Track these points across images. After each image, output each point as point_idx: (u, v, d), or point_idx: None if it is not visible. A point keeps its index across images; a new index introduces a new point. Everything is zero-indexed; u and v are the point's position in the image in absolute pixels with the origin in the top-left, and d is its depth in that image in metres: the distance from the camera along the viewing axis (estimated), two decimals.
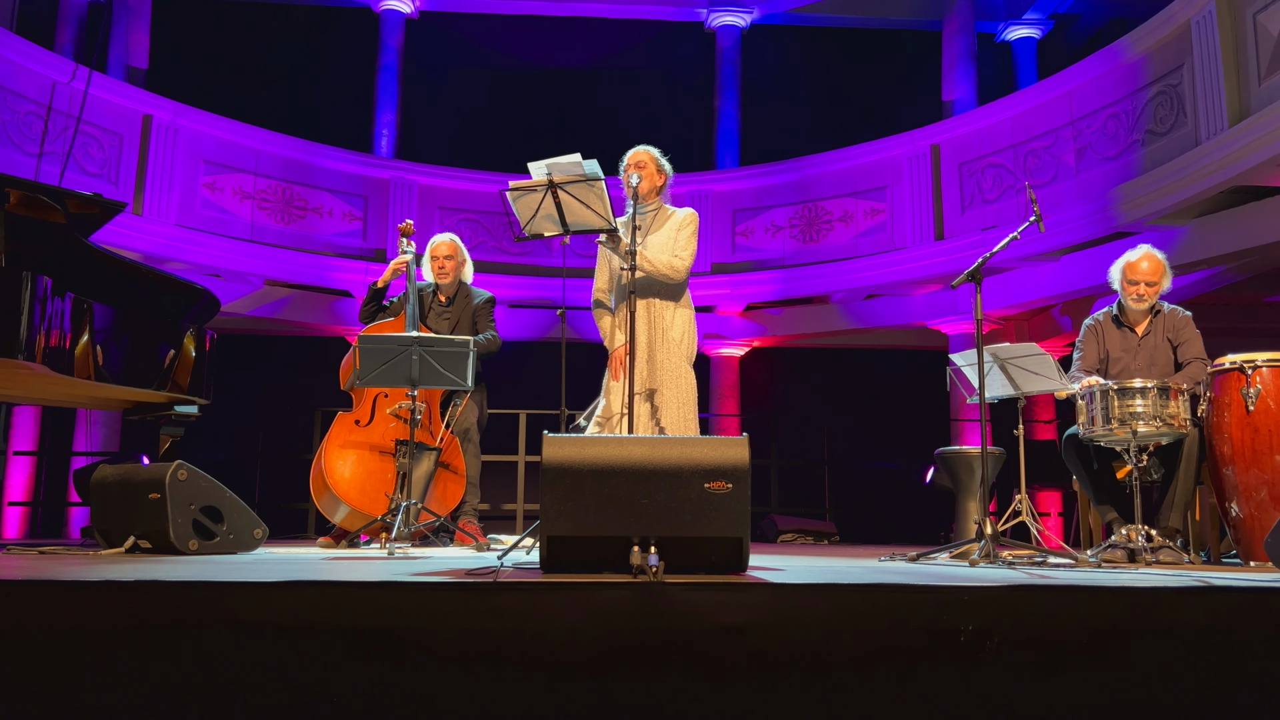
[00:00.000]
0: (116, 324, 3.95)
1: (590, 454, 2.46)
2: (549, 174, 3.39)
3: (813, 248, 9.20)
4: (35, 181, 4.00)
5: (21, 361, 3.45)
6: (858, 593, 2.05)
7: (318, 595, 1.96)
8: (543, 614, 1.95)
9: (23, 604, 1.90)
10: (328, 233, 8.99)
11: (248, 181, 8.63)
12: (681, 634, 1.95)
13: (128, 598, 1.92)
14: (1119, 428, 3.73)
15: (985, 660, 1.92)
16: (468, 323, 4.94)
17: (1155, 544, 3.68)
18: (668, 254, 3.70)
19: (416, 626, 1.92)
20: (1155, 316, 4.23)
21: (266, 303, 8.99)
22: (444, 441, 4.67)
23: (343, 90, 10.28)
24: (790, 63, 10.80)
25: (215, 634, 1.87)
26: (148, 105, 8.11)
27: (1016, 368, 4.09)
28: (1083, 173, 7.49)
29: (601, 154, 3.51)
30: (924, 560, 3.68)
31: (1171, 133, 6.76)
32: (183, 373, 4.26)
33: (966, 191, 8.39)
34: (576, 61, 10.66)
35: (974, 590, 2.03)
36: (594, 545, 2.42)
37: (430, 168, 9.42)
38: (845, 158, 9.12)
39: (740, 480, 2.46)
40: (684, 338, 3.73)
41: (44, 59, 7.41)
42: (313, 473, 4.64)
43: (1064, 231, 7.45)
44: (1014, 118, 8.07)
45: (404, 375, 4.03)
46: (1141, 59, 7.03)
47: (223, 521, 3.63)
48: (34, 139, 7.30)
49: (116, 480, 3.82)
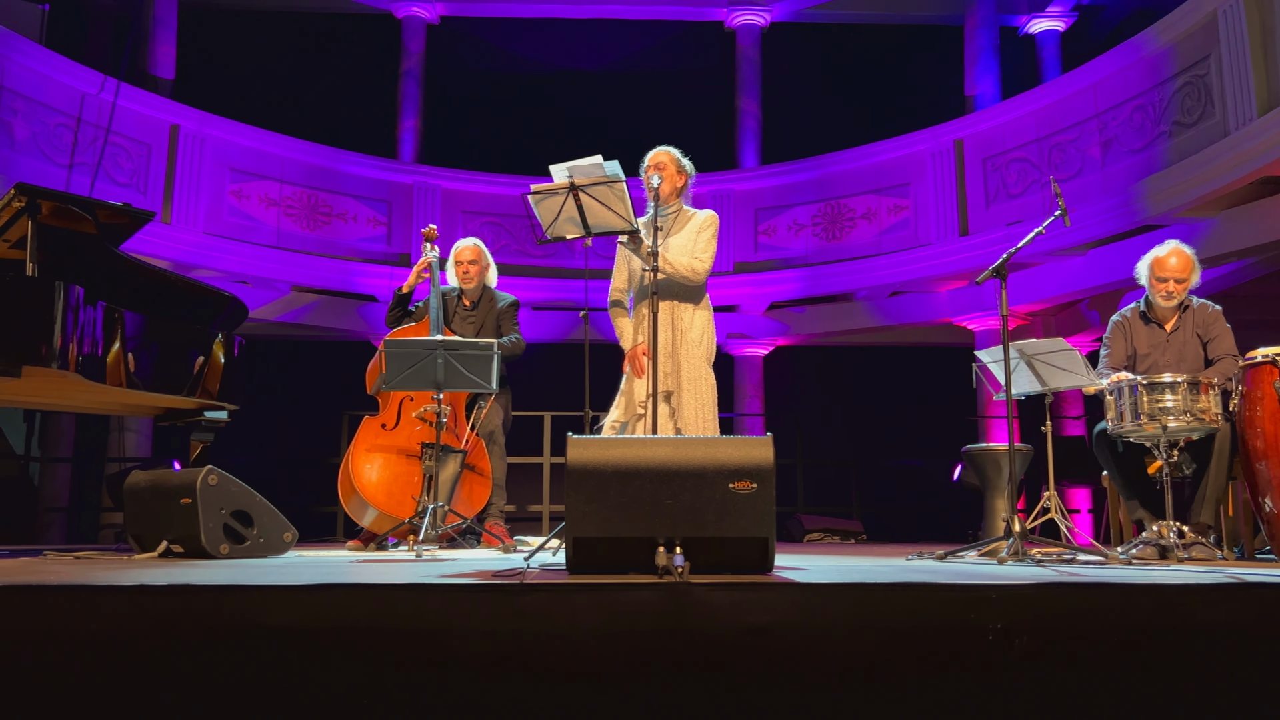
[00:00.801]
0: (147, 332, 4.01)
1: (614, 455, 2.47)
2: (570, 176, 3.40)
3: (836, 245, 9.16)
4: (66, 193, 4.06)
5: (55, 370, 3.50)
6: (885, 592, 2.04)
7: (347, 598, 1.98)
8: (569, 615, 1.95)
9: (60, 608, 1.93)
10: (353, 238, 9.06)
11: (273, 189, 8.71)
12: (707, 634, 1.95)
13: (161, 602, 1.95)
14: (1148, 423, 3.69)
15: (1014, 659, 1.91)
16: (492, 326, 4.97)
17: (1187, 540, 3.64)
18: (688, 256, 3.70)
19: (445, 628, 1.93)
20: (1184, 312, 4.18)
21: (293, 308, 9.08)
22: (469, 444, 4.69)
23: (365, 96, 10.35)
24: (811, 60, 10.76)
25: (247, 637, 1.90)
26: (175, 115, 8.21)
27: (1043, 364, 4.06)
28: (1109, 166, 7.42)
29: (623, 155, 3.52)
30: (952, 559, 3.66)
31: (1199, 124, 6.67)
32: (212, 379, 4.30)
33: (991, 187, 8.33)
34: (597, 63, 10.68)
35: (1002, 588, 2.01)
36: (619, 546, 2.42)
37: (452, 172, 9.48)
38: (868, 155, 9.08)
39: (765, 480, 2.46)
40: (703, 338, 3.74)
41: (73, 71, 7.51)
42: (340, 477, 4.68)
43: (1090, 225, 7.38)
44: (1038, 111, 8.00)
45: (429, 379, 4.06)
46: (1168, 50, 6.95)
47: (253, 525, 3.67)
48: (64, 150, 7.41)
49: (148, 486, 3.87)
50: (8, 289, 3.50)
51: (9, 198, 3.71)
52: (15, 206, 3.72)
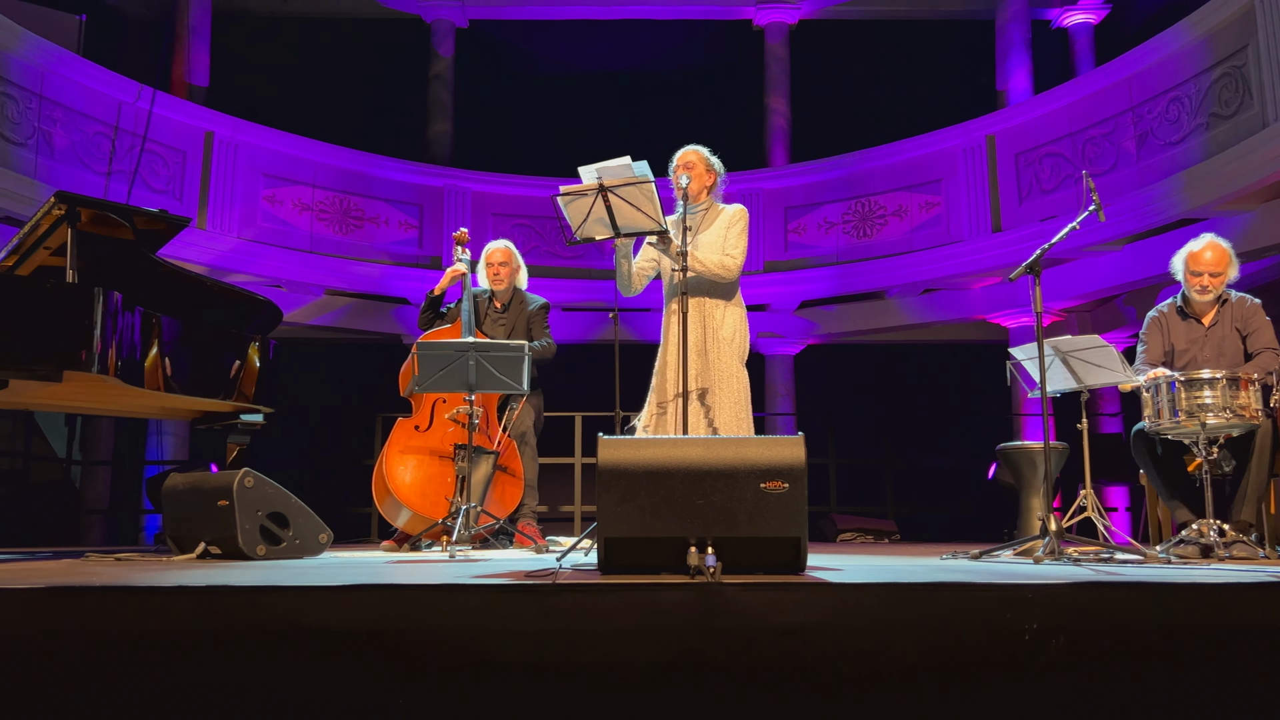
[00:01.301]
0: (184, 336, 4.06)
1: (645, 456, 2.47)
2: (599, 178, 3.40)
3: (867, 243, 9.11)
4: (105, 200, 4.13)
5: (96, 375, 3.56)
6: (919, 592, 2.03)
7: (382, 599, 2.00)
8: (602, 615, 1.96)
9: (103, 609, 1.96)
10: (385, 241, 9.14)
11: (306, 193, 8.81)
12: (740, 635, 1.94)
13: (200, 603, 1.98)
14: (1187, 420, 3.63)
15: (1051, 660, 1.89)
16: (523, 328, 4.99)
17: (1228, 539, 3.58)
18: (718, 252, 3.69)
19: (479, 629, 1.94)
20: (1223, 306, 4.11)
21: (327, 312, 9.17)
22: (501, 445, 4.71)
23: (396, 100, 10.43)
24: (840, 57, 10.70)
25: (284, 637, 1.92)
26: (209, 122, 8.32)
27: (1079, 360, 4.01)
28: (1144, 159, 7.32)
29: (652, 156, 3.52)
30: (987, 558, 3.62)
31: (1237, 115, 6.56)
32: (248, 382, 4.36)
33: (1024, 182, 8.25)
34: (625, 64, 10.69)
35: (1038, 588, 1.99)
36: (651, 546, 2.43)
37: (482, 175, 9.53)
38: (898, 151, 9.01)
39: (797, 479, 2.45)
40: (735, 336, 3.72)
41: (110, 81, 7.64)
42: (374, 479, 4.72)
43: (1126, 220, 7.28)
44: (1071, 105, 7.90)
45: (461, 380, 4.08)
46: (1204, 41, 6.84)
47: (289, 527, 3.71)
48: (102, 158, 7.53)
49: (187, 488, 3.92)
50: (49, 296, 3.56)
51: (49, 206, 3.78)
52: (55, 214, 3.79)
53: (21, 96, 6.98)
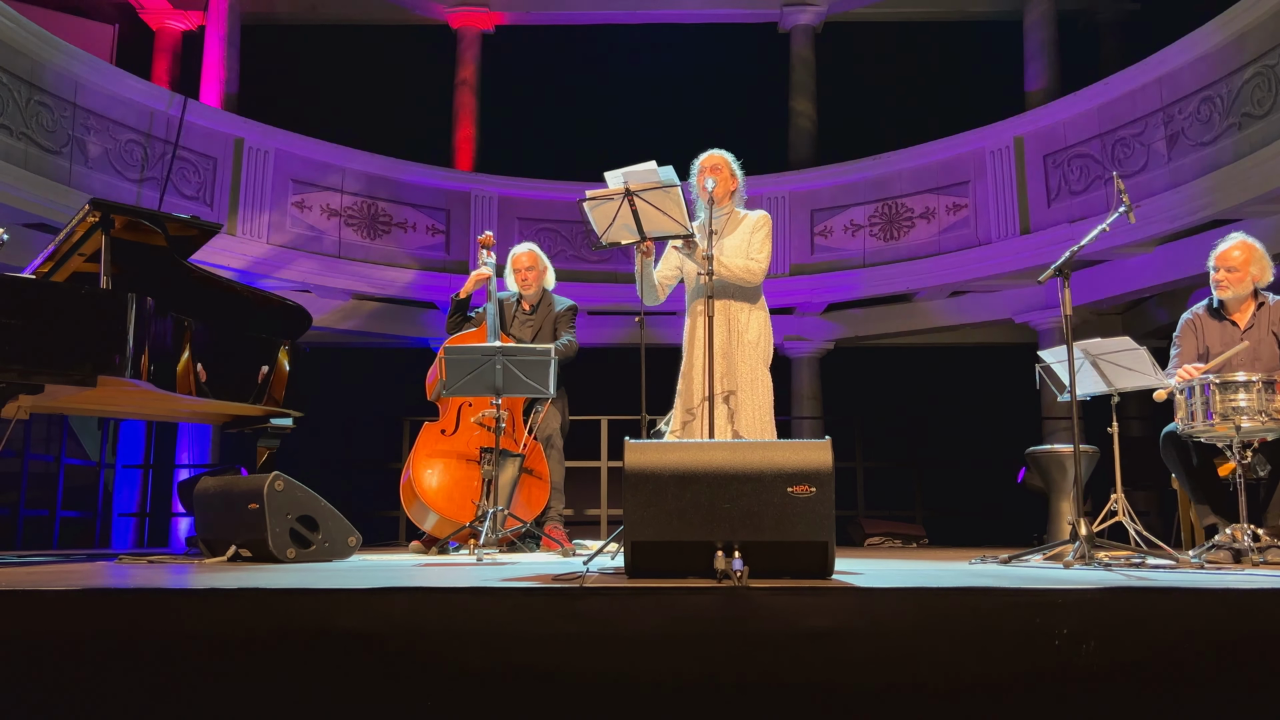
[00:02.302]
0: (215, 341, 4.11)
1: (672, 459, 2.47)
2: (625, 182, 3.41)
3: (894, 246, 9.06)
4: (138, 207, 4.19)
5: (129, 379, 3.61)
6: (948, 596, 2.01)
7: (411, 601, 2.01)
8: (628, 619, 1.96)
9: (135, 612, 1.99)
10: (412, 246, 9.20)
11: (334, 199, 8.88)
12: (767, 639, 1.94)
13: (232, 605, 2.00)
14: (1221, 423, 3.58)
15: (1081, 665, 1.87)
16: (549, 330, 5.01)
17: (1262, 544, 3.52)
18: (743, 257, 3.69)
19: (506, 631, 1.95)
20: (1260, 309, 4.05)
21: (355, 316, 9.24)
22: (528, 448, 4.73)
23: (422, 106, 10.50)
24: (865, 60, 10.66)
25: (315, 639, 1.94)
26: (239, 129, 8.42)
27: (1109, 363, 3.98)
28: (1175, 160, 7.23)
29: (677, 159, 3.52)
30: (1016, 562, 3.59)
31: (1270, 115, 6.47)
32: (278, 386, 4.40)
33: (1052, 184, 8.18)
34: (650, 68, 10.69)
35: (1069, 593, 1.98)
36: (678, 550, 2.42)
37: (508, 179, 9.57)
38: (925, 154, 8.96)
39: (824, 483, 2.44)
40: (760, 340, 3.72)
41: (142, 89, 7.75)
42: (402, 482, 4.75)
43: (1156, 221, 7.19)
44: (1100, 106, 7.82)
45: (488, 384, 4.10)
46: (1235, 39, 6.75)
47: (318, 530, 3.74)
48: (135, 166, 7.64)
49: (218, 491, 3.97)
50: (84, 302, 3.62)
51: (84, 213, 3.84)
52: (90, 222, 3.85)
53: (56, 105, 7.09)
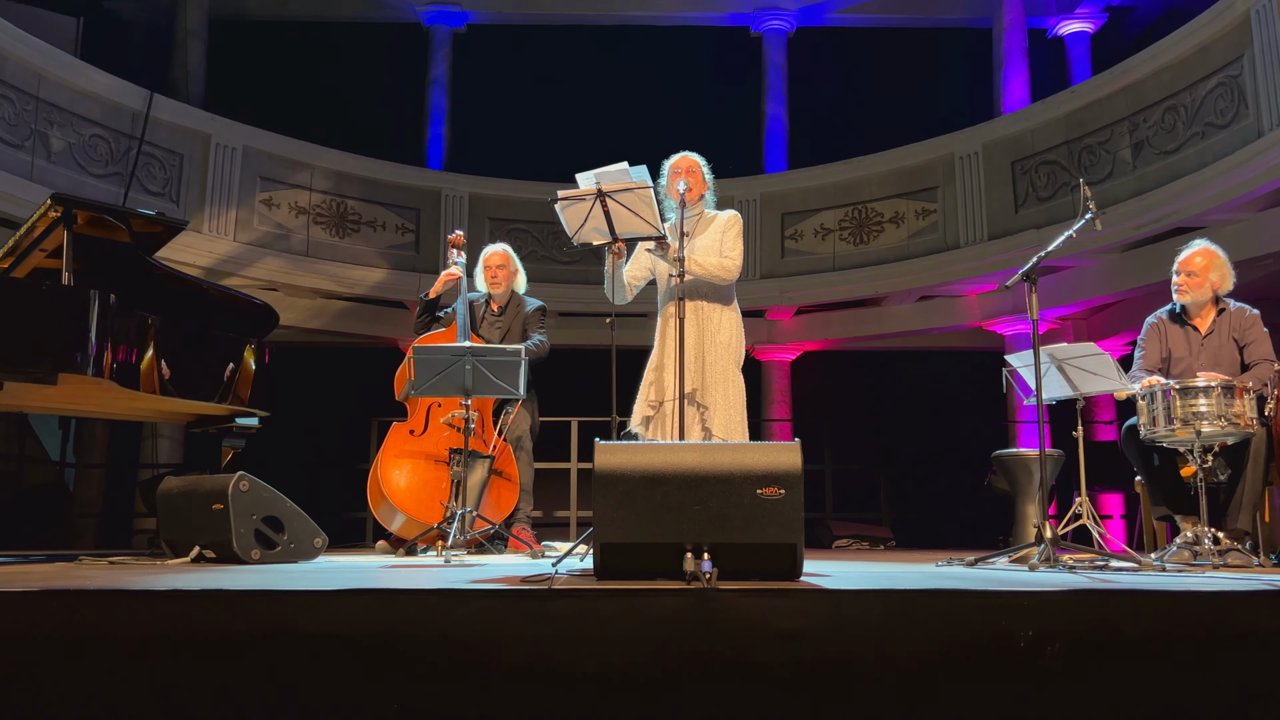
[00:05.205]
0: (179, 339, 4.06)
1: (642, 461, 2.47)
2: (597, 183, 3.41)
3: (863, 250, 9.12)
4: (101, 202, 4.13)
5: (90, 377, 3.56)
6: (915, 598, 2.02)
7: (377, 603, 1.99)
8: (597, 620, 1.95)
9: (95, 612, 1.95)
10: (381, 245, 9.13)
11: (303, 197, 8.80)
12: (736, 641, 1.94)
13: (194, 607, 1.97)
14: (1181, 428, 3.64)
15: (1046, 667, 1.89)
16: (518, 331, 4.99)
17: (1223, 546, 3.58)
18: (716, 255, 3.70)
19: (474, 634, 1.94)
20: (1220, 315, 4.11)
21: (323, 315, 9.16)
22: (497, 449, 4.71)
23: (394, 105, 10.44)
24: (837, 65, 10.73)
25: (278, 642, 1.91)
26: (206, 125, 8.32)
27: (1075, 368, 4.02)
28: (1140, 168, 7.34)
29: (650, 161, 3.52)
30: (982, 565, 3.62)
31: (1232, 125, 6.59)
32: (243, 386, 4.35)
33: (1020, 190, 8.27)
34: (623, 70, 10.70)
35: (1033, 595, 1.99)
36: (647, 552, 2.42)
37: (480, 179, 9.53)
38: (895, 159, 9.03)
39: (793, 486, 2.45)
40: (732, 341, 3.72)
41: (107, 84, 7.63)
42: (370, 483, 4.71)
43: (1122, 228, 7.30)
44: (1068, 114, 7.93)
45: (458, 385, 4.08)
46: (1200, 51, 6.86)
47: (284, 531, 3.70)
48: (100, 161, 7.52)
49: (181, 492, 3.91)
50: (44, 298, 3.56)
51: (45, 208, 3.77)
52: (51, 216, 3.79)
53: (18, 98, 6.97)
